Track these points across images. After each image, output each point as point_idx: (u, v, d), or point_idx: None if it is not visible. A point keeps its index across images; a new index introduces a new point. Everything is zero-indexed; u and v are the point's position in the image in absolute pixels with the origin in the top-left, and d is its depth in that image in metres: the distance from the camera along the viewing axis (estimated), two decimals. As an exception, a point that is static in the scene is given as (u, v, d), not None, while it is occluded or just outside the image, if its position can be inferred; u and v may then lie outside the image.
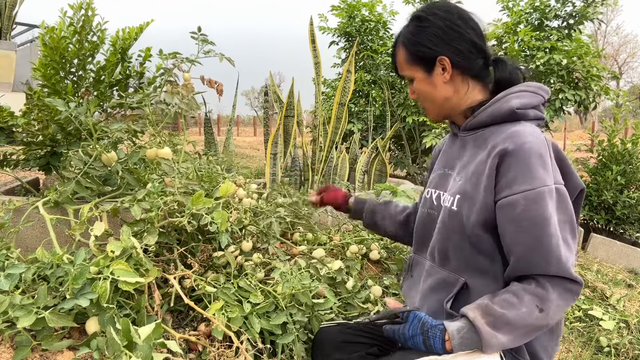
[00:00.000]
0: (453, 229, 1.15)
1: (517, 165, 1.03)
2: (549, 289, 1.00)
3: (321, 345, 1.29)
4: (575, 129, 24.61)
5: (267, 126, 3.49)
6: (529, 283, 1.02)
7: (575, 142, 14.12)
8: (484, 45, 1.19)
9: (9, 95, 6.17)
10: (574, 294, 1.02)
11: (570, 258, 1.01)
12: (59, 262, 1.27)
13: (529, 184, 1.01)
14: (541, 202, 1.01)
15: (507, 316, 0.99)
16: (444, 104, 1.21)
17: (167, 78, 1.98)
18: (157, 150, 1.68)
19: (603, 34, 30.24)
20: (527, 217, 1.01)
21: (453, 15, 1.17)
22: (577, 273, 1.01)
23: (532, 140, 1.04)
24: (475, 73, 1.19)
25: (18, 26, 7.85)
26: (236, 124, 24.08)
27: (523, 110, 1.13)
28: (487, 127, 1.16)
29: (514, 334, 1.00)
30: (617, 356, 2.19)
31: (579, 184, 1.12)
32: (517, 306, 1.00)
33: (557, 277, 1.01)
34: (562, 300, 1.01)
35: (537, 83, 1.17)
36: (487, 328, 0.99)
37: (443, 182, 1.24)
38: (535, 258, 1.01)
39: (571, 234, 1.04)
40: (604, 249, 3.63)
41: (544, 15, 5.77)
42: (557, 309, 1.01)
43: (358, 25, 6.27)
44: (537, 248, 1.01)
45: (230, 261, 1.53)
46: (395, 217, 1.54)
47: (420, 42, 1.18)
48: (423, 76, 1.20)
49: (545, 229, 1.00)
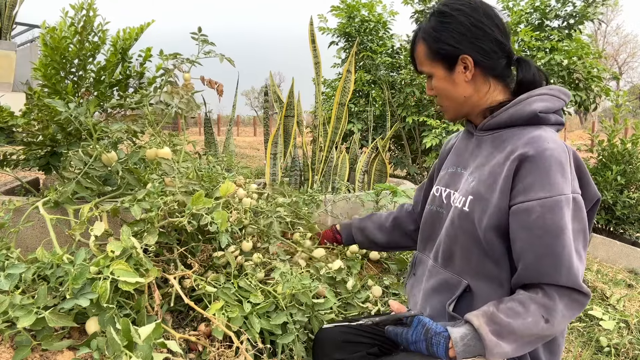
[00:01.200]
0: (462, 230, 1.13)
1: (537, 171, 1.01)
2: (556, 299, 0.99)
3: (322, 345, 1.29)
4: (575, 129, 24.61)
5: (267, 126, 3.49)
6: (536, 292, 1.01)
7: (575, 142, 14.11)
8: (507, 44, 1.14)
9: (9, 95, 6.17)
10: (580, 304, 1.00)
11: (581, 269, 0.99)
12: (59, 262, 1.27)
13: (547, 192, 0.99)
14: (558, 211, 0.98)
15: (512, 325, 0.98)
16: (463, 103, 1.17)
17: (167, 78, 1.98)
18: (157, 150, 1.68)
19: (603, 34, 30.23)
20: (541, 225, 0.99)
21: (478, 12, 1.11)
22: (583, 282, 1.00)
23: (554, 147, 1.02)
24: (498, 73, 1.15)
25: (18, 26, 7.85)
26: (236, 124, 24.08)
27: (545, 115, 1.09)
28: (506, 128, 1.13)
29: (518, 343, 0.99)
30: (617, 356, 2.19)
31: (595, 194, 1.09)
32: (523, 315, 0.99)
33: (566, 287, 0.99)
34: (568, 310, 0.99)
35: (559, 87, 1.14)
36: (492, 336, 0.98)
37: (454, 180, 1.21)
38: (545, 267, 0.99)
39: (583, 244, 1.02)
40: (604, 249, 3.63)
41: (544, 15, 5.77)
42: (562, 320, 0.99)
43: (358, 25, 6.27)
44: (548, 257, 0.99)
45: (231, 261, 1.53)
46: (384, 225, 1.55)
47: (443, 39, 1.12)
48: (444, 74, 1.16)
49: (559, 238, 0.98)
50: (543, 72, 1.17)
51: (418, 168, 5.97)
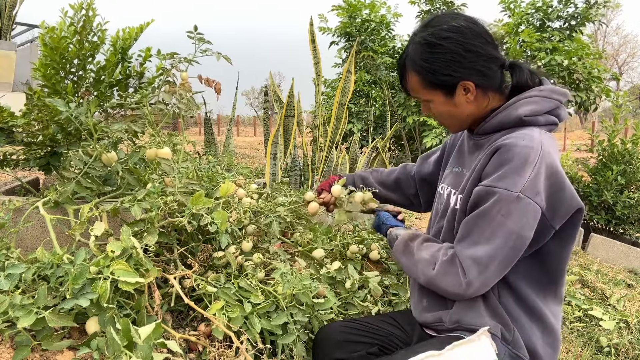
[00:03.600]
0: (454, 227, 1.17)
1: (497, 161, 1.05)
2: (448, 260, 1.09)
3: (322, 345, 1.29)
4: (575, 129, 24.61)
5: (267, 126, 3.49)
6: (450, 249, 1.12)
7: (575, 142, 14.12)
8: (499, 54, 1.14)
9: (9, 95, 6.16)
10: (458, 285, 1.07)
11: (479, 252, 1.04)
12: (59, 262, 1.27)
13: (494, 182, 1.04)
14: (494, 200, 1.03)
15: (414, 250, 1.19)
16: (467, 119, 1.19)
17: (165, 78, 1.98)
18: (157, 150, 1.68)
19: (603, 34, 30.23)
20: (478, 205, 1.07)
21: (467, 35, 1.10)
22: (480, 274, 1.06)
23: (525, 144, 1.03)
24: (497, 87, 1.16)
25: (18, 26, 7.84)
26: (236, 124, 24.08)
27: (532, 117, 1.10)
28: (497, 132, 1.15)
29: (408, 261, 1.21)
30: (617, 356, 2.19)
31: (575, 204, 1.06)
32: (428, 251, 1.16)
33: (458, 258, 1.07)
34: (448, 277, 1.08)
35: (551, 86, 1.13)
36: (400, 244, 1.25)
37: (457, 180, 1.25)
38: (461, 233, 1.10)
39: (510, 242, 1.02)
40: (604, 249, 3.63)
41: (545, 16, 5.77)
42: (441, 278, 1.09)
43: (359, 25, 6.26)
44: (465, 228, 1.09)
45: (231, 261, 1.53)
46: (385, 182, 1.62)
47: (438, 70, 1.11)
48: (443, 99, 1.16)
49: (481, 219, 1.05)
50: (537, 73, 1.18)
51: (418, 168, 5.96)
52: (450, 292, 1.09)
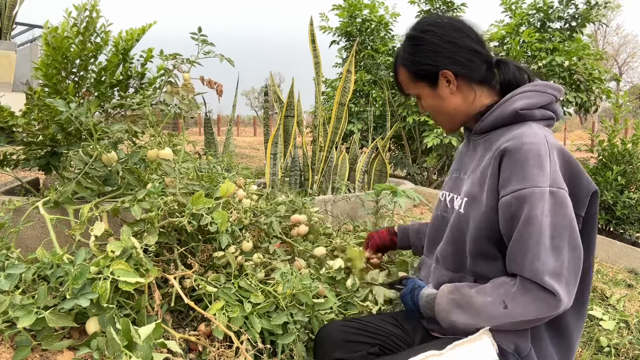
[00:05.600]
0: (461, 232, 1.16)
1: (513, 165, 1.03)
2: (520, 290, 1.00)
3: (322, 345, 1.29)
4: (575, 129, 24.60)
5: (267, 126, 3.49)
6: (512, 279, 1.03)
7: (575, 142, 14.12)
8: (483, 49, 1.19)
9: (9, 95, 6.16)
10: (546, 303, 0.98)
11: (550, 263, 0.97)
12: (59, 262, 1.27)
13: (520, 184, 1.01)
14: (530, 202, 0.99)
15: (473, 299, 1.06)
16: (455, 115, 1.22)
17: (167, 79, 1.98)
18: (158, 151, 1.68)
19: (603, 34, 30.23)
20: (515, 215, 1.01)
21: (446, 29, 1.18)
22: (561, 284, 0.97)
23: (533, 141, 1.03)
24: (481, 79, 1.19)
25: (18, 26, 7.84)
26: (236, 124, 24.08)
27: (528, 111, 1.11)
28: (494, 129, 1.17)
29: (473, 317, 1.05)
30: (617, 356, 2.19)
31: (590, 188, 1.07)
32: (487, 295, 1.04)
33: (529, 280, 0.99)
34: (531, 305, 0.99)
35: (545, 82, 1.16)
36: (444, 303, 1.10)
37: (457, 185, 1.25)
38: (516, 256, 1.02)
39: (569, 241, 0.99)
40: (604, 249, 3.63)
41: (546, 17, 5.76)
42: (524, 312, 1.00)
43: (359, 24, 6.26)
44: (517, 246, 1.01)
45: (231, 261, 1.53)
46: None
47: (420, 60, 1.19)
48: (429, 92, 1.22)
49: (527, 228, 0.99)
50: (525, 69, 1.20)
51: (418, 168, 5.97)
52: (542, 318, 1.02)
